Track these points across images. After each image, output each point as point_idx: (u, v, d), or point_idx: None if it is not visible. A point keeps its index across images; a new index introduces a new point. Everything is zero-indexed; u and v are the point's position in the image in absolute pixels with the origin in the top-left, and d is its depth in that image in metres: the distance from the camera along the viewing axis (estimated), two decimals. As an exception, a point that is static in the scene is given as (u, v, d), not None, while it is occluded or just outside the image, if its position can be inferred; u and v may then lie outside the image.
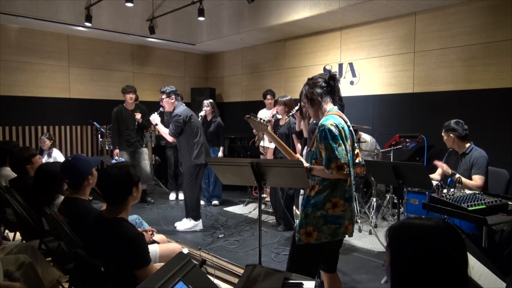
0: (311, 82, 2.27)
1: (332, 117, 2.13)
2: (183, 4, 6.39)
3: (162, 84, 7.89)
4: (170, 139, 4.44)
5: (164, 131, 4.41)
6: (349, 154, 2.09)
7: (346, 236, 2.24)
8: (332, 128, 2.06)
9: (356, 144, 2.32)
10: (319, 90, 2.23)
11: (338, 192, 2.14)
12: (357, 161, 2.34)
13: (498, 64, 4.61)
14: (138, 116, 5.60)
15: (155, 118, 4.47)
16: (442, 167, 3.50)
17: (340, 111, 2.24)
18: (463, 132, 3.45)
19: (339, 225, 2.15)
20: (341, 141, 2.06)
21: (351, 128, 2.25)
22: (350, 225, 2.19)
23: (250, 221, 4.93)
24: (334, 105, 2.26)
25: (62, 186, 2.90)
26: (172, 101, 4.46)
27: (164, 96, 4.46)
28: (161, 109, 4.62)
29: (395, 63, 5.59)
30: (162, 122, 4.70)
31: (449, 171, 3.41)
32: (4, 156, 3.85)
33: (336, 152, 2.04)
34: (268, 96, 5.95)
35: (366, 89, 5.94)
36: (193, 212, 4.54)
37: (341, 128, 2.09)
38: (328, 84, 2.24)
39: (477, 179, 3.31)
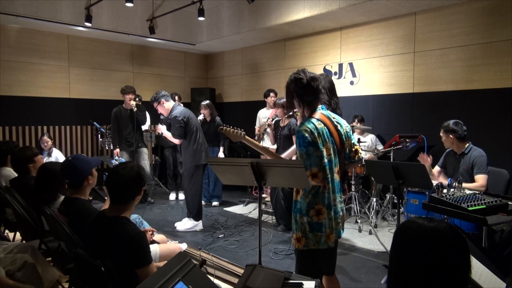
0: (294, 85, 2.16)
1: (308, 122, 2.09)
2: (183, 4, 6.39)
3: (162, 84, 7.94)
4: (177, 141, 4.47)
5: (168, 135, 4.46)
6: (325, 160, 2.06)
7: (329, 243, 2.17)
8: (306, 134, 2.03)
9: (353, 141, 2.27)
10: (299, 91, 2.15)
11: (320, 199, 2.10)
12: (356, 158, 2.28)
13: (498, 64, 4.61)
14: (133, 102, 5.57)
15: (160, 127, 4.55)
16: (426, 161, 3.55)
17: (323, 111, 2.18)
18: (462, 133, 3.44)
19: (323, 233, 2.12)
20: (315, 148, 2.03)
21: (339, 128, 2.18)
22: (331, 234, 2.13)
23: (250, 221, 4.93)
24: (320, 103, 2.20)
25: (64, 185, 2.90)
26: (164, 105, 4.49)
27: (155, 104, 4.51)
28: (161, 117, 4.64)
29: (395, 63, 5.59)
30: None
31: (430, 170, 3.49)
32: (4, 156, 3.85)
33: (310, 160, 2.02)
34: (272, 94, 5.95)
35: (366, 89, 5.94)
36: (194, 212, 4.54)
37: (316, 133, 2.04)
38: (308, 85, 2.13)
39: (479, 179, 3.31)
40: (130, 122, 5.66)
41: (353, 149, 2.26)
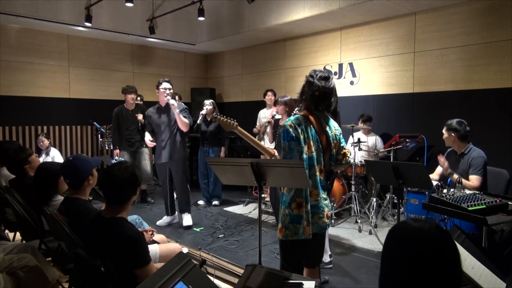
0: (310, 75, 2.26)
1: (295, 118, 2.18)
2: (183, 4, 6.39)
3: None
4: (186, 129, 4.43)
5: (185, 121, 4.38)
6: (305, 155, 2.13)
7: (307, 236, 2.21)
8: (290, 129, 2.13)
9: (343, 145, 2.34)
10: (309, 92, 2.22)
11: (302, 192, 2.17)
12: (343, 161, 2.36)
13: (498, 64, 4.61)
14: (140, 117, 5.61)
15: (174, 102, 4.32)
16: (444, 164, 3.47)
17: (316, 113, 2.24)
18: (465, 133, 3.44)
19: (301, 225, 2.18)
20: (296, 143, 2.11)
21: (327, 129, 2.25)
22: (307, 226, 2.18)
23: (250, 221, 4.93)
24: (314, 106, 2.26)
25: (60, 185, 2.90)
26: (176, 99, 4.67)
27: (170, 93, 4.47)
28: (168, 97, 4.48)
29: (395, 63, 5.59)
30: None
31: (448, 170, 3.41)
32: (5, 155, 3.85)
33: (291, 154, 2.12)
34: (269, 93, 5.93)
35: (366, 89, 5.94)
36: (188, 206, 4.66)
37: (300, 130, 2.13)
38: (310, 83, 2.23)
39: (473, 180, 3.30)
40: (132, 122, 5.66)
41: (342, 152, 2.34)
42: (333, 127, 2.32)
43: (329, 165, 2.30)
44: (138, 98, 5.71)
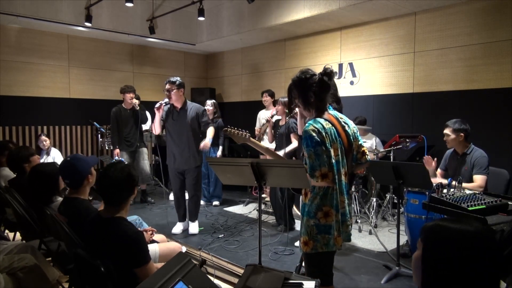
0: (304, 77, 2.07)
1: (315, 121, 2.02)
2: (183, 4, 6.39)
3: (162, 84, 7.89)
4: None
5: (212, 133, 4.26)
6: (333, 160, 2.00)
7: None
8: (314, 134, 1.96)
9: (361, 142, 2.22)
10: (312, 88, 2.06)
11: (328, 200, 2.04)
12: (363, 160, 2.21)
13: (498, 64, 4.61)
14: (135, 100, 5.52)
15: (207, 143, 4.17)
16: (431, 164, 3.48)
17: (331, 112, 2.13)
18: (469, 132, 3.44)
19: (332, 236, 2.06)
20: (323, 148, 1.96)
21: (346, 128, 2.12)
22: (338, 237, 2.08)
23: (250, 221, 4.93)
24: (328, 103, 2.13)
25: (58, 186, 2.89)
26: (181, 94, 4.31)
27: (173, 87, 4.25)
28: (166, 100, 4.25)
29: (395, 63, 5.59)
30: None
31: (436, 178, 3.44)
32: (3, 150, 3.86)
33: (319, 160, 1.96)
34: (265, 94, 5.89)
35: (366, 89, 5.94)
36: (197, 214, 4.51)
37: (324, 133, 1.98)
38: (322, 81, 2.06)
39: (477, 179, 3.30)
40: (130, 122, 5.65)
41: (361, 151, 2.20)
42: (351, 125, 2.19)
43: (351, 166, 2.18)
44: (135, 101, 5.61)
